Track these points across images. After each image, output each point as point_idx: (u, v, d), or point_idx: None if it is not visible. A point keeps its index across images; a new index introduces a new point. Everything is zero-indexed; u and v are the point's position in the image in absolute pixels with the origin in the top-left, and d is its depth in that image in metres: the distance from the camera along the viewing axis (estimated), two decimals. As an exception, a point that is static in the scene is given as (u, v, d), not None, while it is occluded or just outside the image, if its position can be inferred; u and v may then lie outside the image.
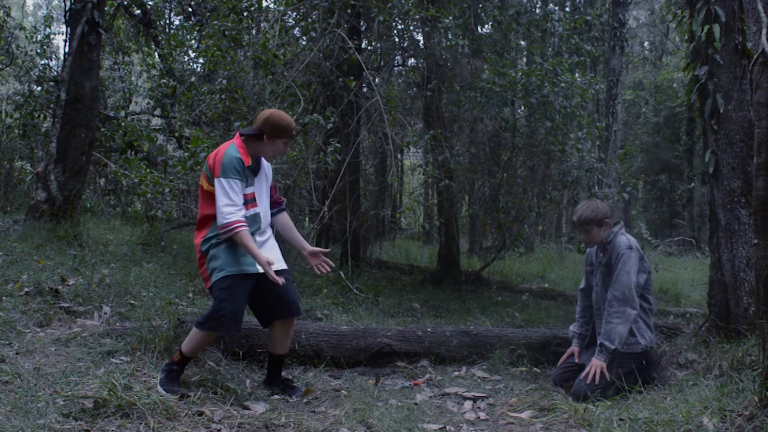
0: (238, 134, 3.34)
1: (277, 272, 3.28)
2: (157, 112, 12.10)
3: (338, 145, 5.80)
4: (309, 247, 3.52)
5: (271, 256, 3.29)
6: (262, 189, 3.40)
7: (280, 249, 3.52)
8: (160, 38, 10.69)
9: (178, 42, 8.05)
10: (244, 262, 3.19)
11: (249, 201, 3.30)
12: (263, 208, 3.39)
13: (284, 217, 3.59)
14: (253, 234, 3.28)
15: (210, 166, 3.23)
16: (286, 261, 3.52)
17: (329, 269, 3.49)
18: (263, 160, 3.43)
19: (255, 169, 3.33)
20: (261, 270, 3.19)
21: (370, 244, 8.74)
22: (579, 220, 3.81)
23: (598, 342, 3.66)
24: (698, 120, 4.38)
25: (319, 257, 3.48)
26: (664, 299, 7.01)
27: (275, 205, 3.54)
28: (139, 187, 7.11)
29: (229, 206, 3.13)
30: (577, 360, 3.89)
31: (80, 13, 6.89)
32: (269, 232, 3.46)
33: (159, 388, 3.10)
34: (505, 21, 7.66)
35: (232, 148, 3.24)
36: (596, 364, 3.58)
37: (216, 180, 3.16)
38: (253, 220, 3.30)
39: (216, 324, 3.15)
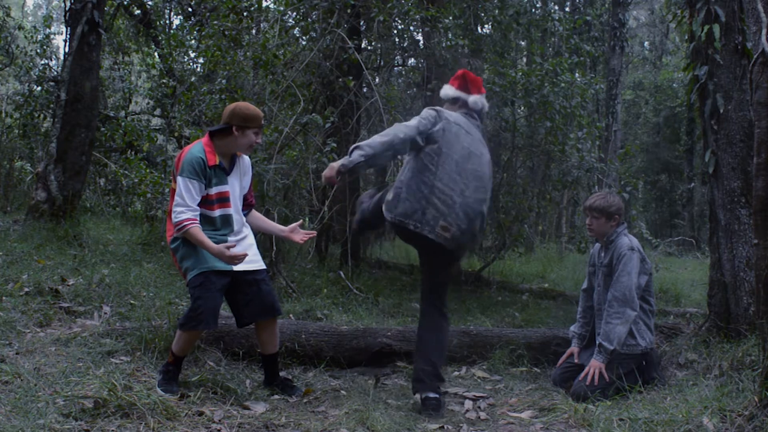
0: (207, 133, 3.31)
1: (253, 272, 3.29)
2: (157, 112, 12.09)
3: (334, 145, 5.80)
4: (285, 228, 3.54)
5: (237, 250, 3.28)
6: (236, 189, 3.36)
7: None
8: (160, 38, 10.68)
9: (178, 42, 8.05)
10: (216, 258, 3.17)
11: (219, 201, 3.26)
12: (236, 208, 3.36)
13: (254, 214, 3.58)
14: (225, 235, 3.27)
15: (175, 163, 3.25)
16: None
17: (313, 235, 3.59)
18: (242, 158, 3.40)
19: (227, 168, 3.30)
20: (235, 268, 3.18)
21: (370, 244, 8.74)
22: (591, 206, 3.80)
23: (597, 342, 3.66)
24: (698, 120, 4.38)
25: (298, 231, 3.50)
26: (664, 299, 7.00)
27: (247, 207, 3.50)
28: (139, 187, 7.11)
29: (179, 205, 3.13)
30: (576, 360, 3.89)
31: (80, 13, 6.89)
32: (245, 232, 3.42)
33: (157, 388, 3.10)
34: (505, 21, 7.66)
35: (197, 147, 3.22)
36: (595, 365, 3.58)
37: (177, 177, 3.18)
38: (225, 222, 3.28)
39: (195, 322, 3.14)
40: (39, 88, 10.53)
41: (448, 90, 3.64)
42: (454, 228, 3.27)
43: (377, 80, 7.49)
